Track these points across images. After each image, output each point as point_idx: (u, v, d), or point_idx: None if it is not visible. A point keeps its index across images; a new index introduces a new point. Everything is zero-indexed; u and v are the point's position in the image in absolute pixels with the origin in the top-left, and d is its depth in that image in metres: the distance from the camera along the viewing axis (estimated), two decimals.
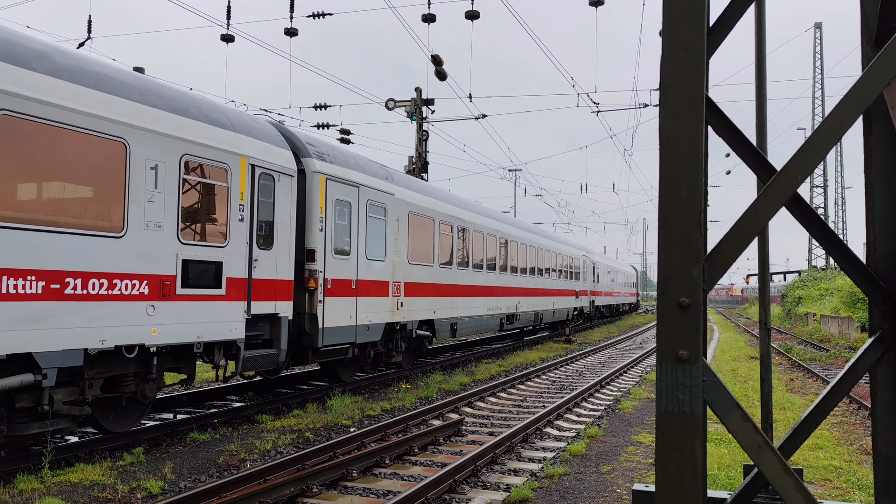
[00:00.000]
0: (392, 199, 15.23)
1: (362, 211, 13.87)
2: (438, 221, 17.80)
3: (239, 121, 10.92)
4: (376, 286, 14.36)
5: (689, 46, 1.95)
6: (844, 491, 7.67)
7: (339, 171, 13.15)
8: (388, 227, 14.94)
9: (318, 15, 19.65)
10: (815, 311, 39.78)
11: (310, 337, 12.19)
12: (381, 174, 15.01)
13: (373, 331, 14.15)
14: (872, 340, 2.50)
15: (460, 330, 19.02)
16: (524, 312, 25.65)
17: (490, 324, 21.81)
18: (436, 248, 17.61)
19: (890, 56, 2.03)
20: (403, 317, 15.56)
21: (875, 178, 2.58)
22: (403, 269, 15.60)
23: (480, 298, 20.85)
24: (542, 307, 28.33)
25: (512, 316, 23.95)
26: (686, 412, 1.88)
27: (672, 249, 1.92)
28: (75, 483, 7.61)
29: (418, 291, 16.38)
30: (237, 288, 10.39)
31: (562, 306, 32.40)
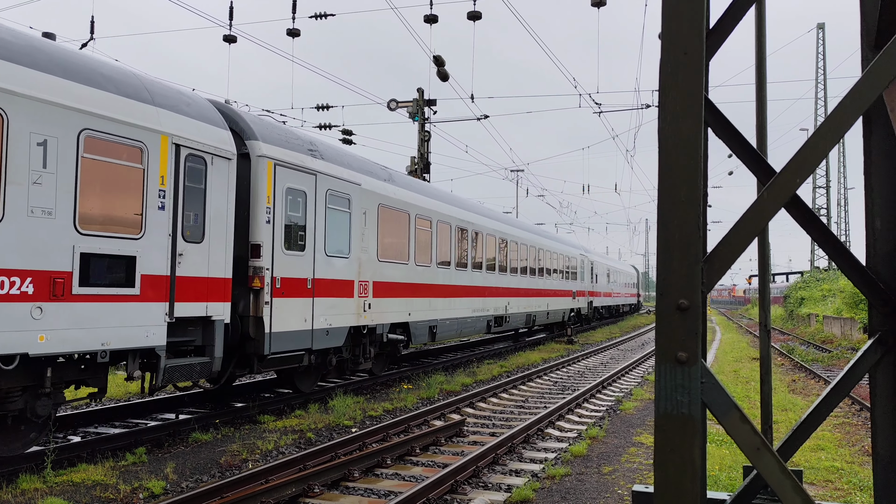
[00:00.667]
0: (358, 190, 13.62)
1: (321, 202, 12.32)
2: (415, 216, 16.28)
3: (162, 93, 9.45)
4: (338, 286, 12.82)
5: (689, 49, 1.95)
6: (846, 492, 7.67)
7: (292, 157, 11.67)
8: (352, 220, 13.37)
9: (321, 16, 19.67)
10: (818, 311, 39.74)
11: (255, 343, 10.78)
12: (344, 162, 13.49)
13: (334, 335, 12.64)
14: (872, 342, 2.51)
15: (441, 333, 17.61)
16: (514, 314, 24.14)
17: (475, 326, 20.37)
18: (412, 244, 16.08)
19: (889, 58, 2.03)
20: (372, 319, 14.00)
21: (875, 179, 2.59)
22: (372, 268, 14.12)
23: (464, 299, 19.37)
24: (534, 308, 26.88)
25: (501, 318, 22.57)
26: (685, 414, 1.89)
27: (671, 251, 1.92)
28: (77, 483, 7.62)
29: (390, 292, 14.90)
30: (156, 287, 8.93)
31: (557, 307, 30.98)
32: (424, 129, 25.60)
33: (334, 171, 12.90)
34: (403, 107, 25.52)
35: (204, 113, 10.12)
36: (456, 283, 18.81)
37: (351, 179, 13.44)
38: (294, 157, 11.76)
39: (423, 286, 16.74)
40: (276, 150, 11.33)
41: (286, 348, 11.34)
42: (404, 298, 15.57)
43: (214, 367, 9.87)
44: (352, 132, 24.99)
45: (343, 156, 13.75)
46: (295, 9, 17.76)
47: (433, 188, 18.85)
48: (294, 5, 17.68)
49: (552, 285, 30.18)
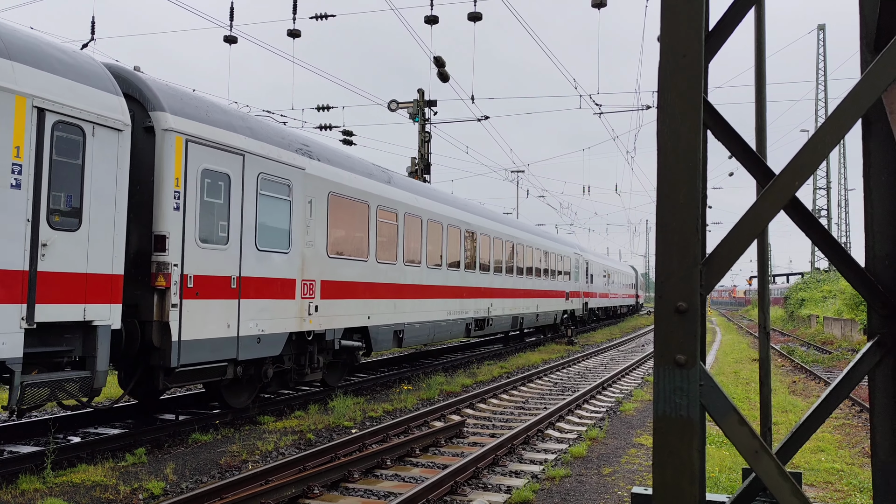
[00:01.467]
0: (301, 176, 11.87)
1: (250, 187, 10.64)
2: (377, 207, 14.54)
3: (22, 45, 7.81)
4: (274, 285, 11.14)
5: (688, 51, 1.95)
6: (846, 494, 7.66)
7: (211, 133, 9.99)
8: (294, 210, 11.64)
9: (321, 16, 19.68)
10: (818, 313, 39.74)
11: (160, 353, 9.14)
12: (284, 143, 11.77)
13: (268, 343, 10.98)
14: (871, 345, 2.50)
15: (409, 338, 15.93)
16: (498, 316, 22.42)
17: (452, 330, 18.59)
18: (372, 239, 14.33)
19: (888, 60, 2.03)
20: (319, 324, 12.30)
21: (874, 182, 2.59)
22: (320, 265, 12.36)
23: (439, 301, 17.63)
24: (522, 310, 25.10)
25: (483, 321, 20.95)
26: (683, 416, 1.89)
27: (670, 253, 1.92)
28: (77, 483, 7.62)
29: (343, 292, 13.16)
30: (6, 285, 7.31)
31: (548, 309, 29.19)
32: (425, 130, 25.61)
33: (269, 153, 11.16)
34: (404, 107, 25.53)
35: (85, 73, 8.43)
36: (428, 282, 17.09)
37: (292, 163, 11.66)
38: (214, 134, 10.07)
39: (387, 286, 14.97)
40: (189, 125, 9.65)
41: (202, 359, 9.67)
42: (362, 300, 13.83)
43: (97, 382, 8.21)
44: (352, 133, 25.00)
45: (283, 136, 11.92)
46: (295, 9, 17.78)
47: (404, 179, 17.08)
48: (295, 6, 17.71)
49: (542, 285, 28.44)
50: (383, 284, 14.85)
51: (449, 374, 18.22)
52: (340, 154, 14.09)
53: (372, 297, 14.30)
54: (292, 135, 12.43)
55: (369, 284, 14.24)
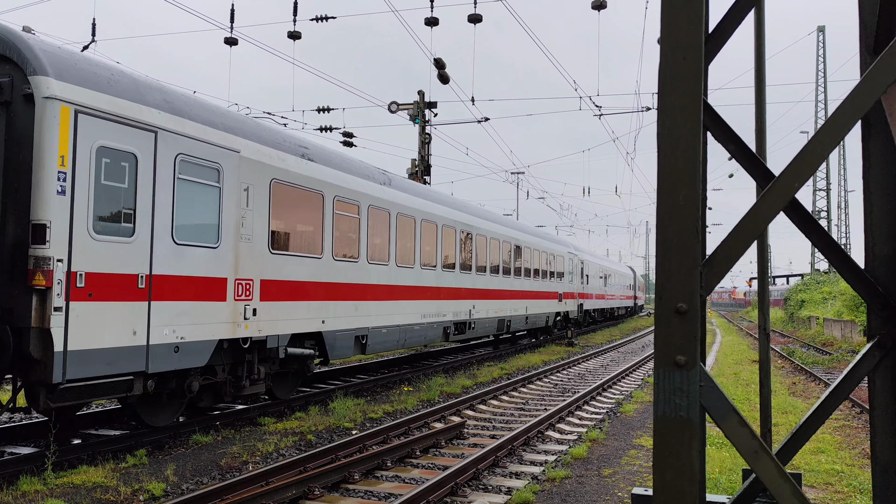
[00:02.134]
0: (234, 159, 10.23)
1: (165, 170, 9.04)
2: (333, 198, 12.83)
3: None
4: (198, 285, 9.52)
5: (688, 54, 1.96)
6: (846, 495, 7.67)
7: (111, 104, 8.43)
8: (224, 198, 10.02)
9: (321, 18, 19.70)
10: (818, 314, 39.74)
11: (40, 367, 7.60)
12: (213, 121, 10.14)
13: (189, 352, 9.35)
14: (870, 346, 2.51)
15: (374, 344, 14.32)
16: (482, 319, 20.74)
17: (428, 334, 16.98)
18: (328, 234, 12.65)
19: (887, 63, 2.04)
20: (259, 330, 10.69)
21: (873, 183, 2.59)
22: (259, 262, 10.74)
23: (411, 302, 16.04)
24: (509, 312, 23.41)
25: (464, 324, 19.30)
26: (683, 417, 1.90)
27: (670, 255, 1.93)
28: (78, 485, 7.63)
29: (290, 293, 11.53)
30: None
31: (539, 311, 27.37)
32: (425, 132, 25.62)
33: (192, 131, 9.55)
34: (404, 109, 25.55)
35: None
36: (398, 282, 15.49)
37: (222, 143, 10.04)
38: (115, 106, 8.48)
39: (347, 286, 13.29)
40: (80, 93, 8.07)
41: (96, 373, 8.11)
42: (315, 302, 12.18)
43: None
44: (353, 134, 25.02)
45: (212, 113, 10.34)
46: (296, 11, 17.80)
47: (371, 168, 15.42)
48: (295, 8, 17.72)
49: (533, 286, 26.61)
50: (342, 285, 13.13)
51: (449, 375, 18.22)
52: (290, 138, 12.36)
53: (327, 299, 12.60)
54: (225, 113, 10.77)
55: (324, 284, 12.52)
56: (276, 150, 11.50)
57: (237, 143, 10.44)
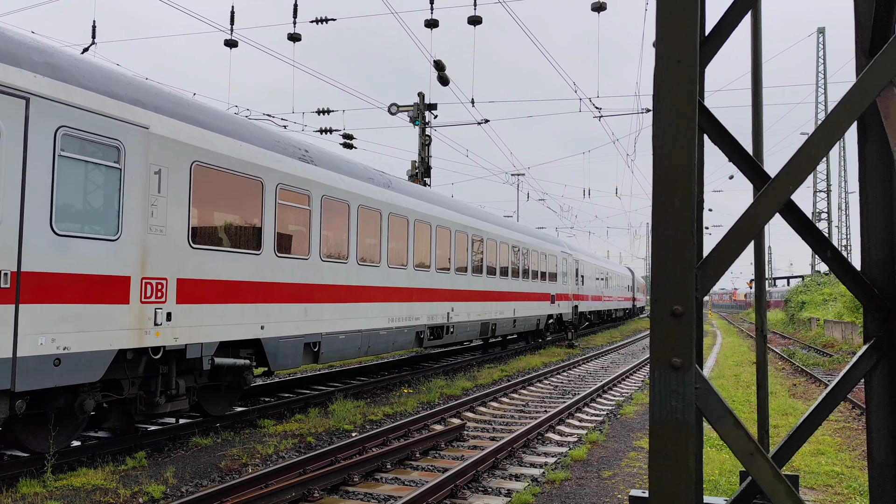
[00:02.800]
0: (141, 136, 8.72)
1: (41, 145, 7.58)
2: (276, 187, 11.29)
3: None
4: (89, 285, 8.07)
5: (683, 57, 1.97)
6: (845, 497, 7.67)
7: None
8: (127, 181, 8.52)
9: (321, 20, 19.73)
10: (819, 315, 39.74)
11: None
12: (110, 90, 8.61)
13: (77, 365, 7.87)
14: (867, 348, 2.52)
15: (329, 352, 12.69)
16: (462, 323, 19.15)
17: (398, 340, 15.38)
18: (269, 227, 11.08)
19: (881, 65, 2.05)
20: (175, 337, 9.18)
21: (870, 185, 2.60)
22: (176, 258, 9.25)
23: (377, 305, 14.44)
24: (494, 315, 21.85)
25: (440, 328, 17.73)
26: (679, 419, 1.90)
27: (665, 257, 1.94)
28: (77, 487, 7.63)
29: (219, 295, 9.98)
30: None
31: (529, 313, 25.72)
32: (425, 134, 25.65)
33: (81, 100, 8.12)
34: (404, 111, 25.58)
35: None
36: (360, 283, 13.90)
37: (125, 117, 8.54)
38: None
39: (293, 287, 11.69)
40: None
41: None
42: (251, 305, 10.64)
43: None
44: (353, 136, 25.04)
45: (113, 80, 8.79)
46: (296, 13, 17.82)
47: (327, 154, 13.79)
48: (295, 10, 17.75)
49: (522, 287, 24.93)
50: (287, 285, 11.53)
51: (449, 377, 18.22)
52: (223, 117, 10.82)
53: (268, 301, 11.01)
54: (132, 83, 9.13)
55: (264, 285, 10.94)
56: (202, 128, 9.95)
57: (145, 117, 8.90)
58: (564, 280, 31.90)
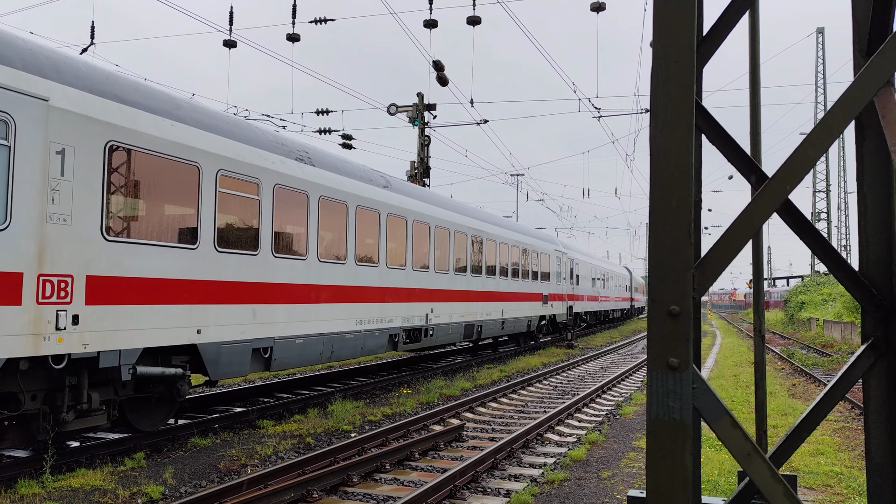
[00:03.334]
0: (37, 109, 7.49)
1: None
2: (217, 173, 9.98)
3: None
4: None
5: (680, 57, 1.97)
6: (845, 497, 7.66)
7: None
8: (17, 161, 7.28)
9: (320, 21, 19.73)
10: (818, 316, 39.75)
11: None
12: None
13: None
14: (865, 348, 2.51)
15: (284, 358, 11.33)
16: (442, 325, 17.81)
17: (366, 344, 13.99)
18: (207, 218, 9.75)
19: (879, 64, 2.05)
20: (84, 344, 7.95)
21: (867, 185, 2.60)
22: (85, 252, 8.01)
23: (342, 306, 13.10)
24: (480, 316, 20.54)
25: (418, 330, 16.50)
26: (676, 419, 1.90)
27: (662, 257, 1.94)
28: (76, 488, 7.62)
29: (142, 294, 8.73)
30: None
31: (518, 314, 24.40)
32: (424, 134, 25.65)
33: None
34: (403, 111, 25.58)
35: None
36: (322, 282, 12.49)
37: (17, 87, 7.32)
38: None
39: (238, 286, 10.32)
40: None
41: None
42: (184, 306, 9.36)
43: None
44: (352, 137, 25.04)
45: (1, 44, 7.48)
46: (295, 14, 17.81)
47: (280, 138, 12.29)
48: (294, 10, 17.74)
49: (511, 287, 23.63)
50: (229, 284, 10.16)
51: (449, 377, 18.22)
52: (152, 94, 9.52)
53: (205, 302, 9.67)
54: (29, 48, 7.87)
55: (200, 283, 9.60)
56: (122, 104, 8.67)
57: (45, 87, 7.61)
58: (558, 280, 30.64)
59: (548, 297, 28.46)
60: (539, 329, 27.76)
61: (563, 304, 31.33)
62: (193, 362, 9.72)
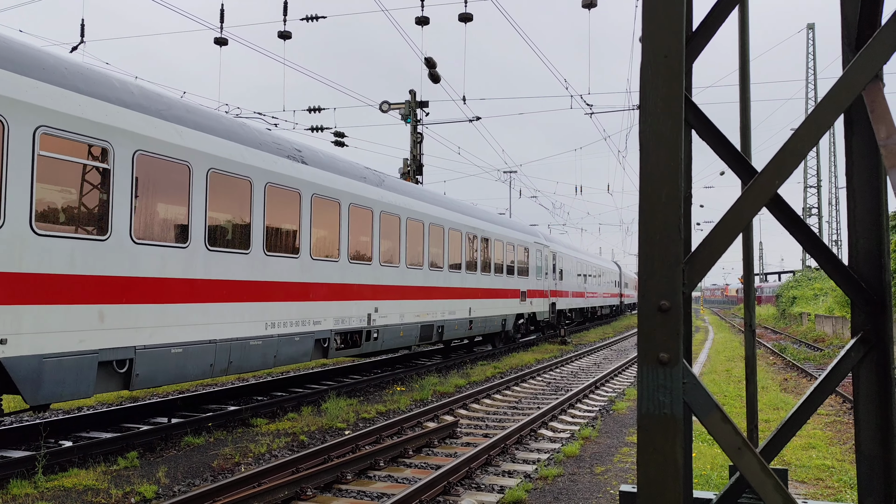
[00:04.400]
0: None
1: None
2: (36, 130, 7.61)
3: None
4: None
5: (669, 53, 1.97)
6: (836, 490, 7.71)
7: None
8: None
9: (312, 18, 19.67)
10: (810, 310, 39.94)
11: None
12: None
13: None
14: (854, 341, 2.52)
15: (151, 373, 8.96)
16: (391, 326, 15.31)
17: (282, 351, 11.52)
18: (17, 191, 7.38)
19: (867, 58, 2.05)
20: None
21: (857, 180, 2.61)
22: None
23: (243, 306, 10.60)
24: (441, 315, 17.98)
25: (358, 333, 14.06)
26: (667, 414, 1.90)
27: (652, 253, 1.94)
28: (69, 488, 7.60)
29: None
30: None
31: (490, 313, 21.83)
32: (417, 131, 25.61)
33: None
34: (395, 109, 25.54)
35: None
36: (211, 276, 10.04)
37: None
38: None
39: (74, 280, 7.92)
40: None
41: None
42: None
43: None
44: (344, 134, 24.99)
45: None
46: (286, 11, 17.76)
47: (124, 82, 9.37)
48: (285, 7, 17.69)
49: (480, 282, 21.06)
50: (59, 278, 7.76)
51: (442, 374, 18.23)
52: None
53: (16, 302, 7.30)
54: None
55: (7, 276, 7.23)
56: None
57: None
58: (539, 275, 28.12)
59: (526, 294, 26.13)
60: (517, 328, 25.55)
61: (545, 300, 29.06)
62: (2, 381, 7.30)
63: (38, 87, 7.74)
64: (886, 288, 2.51)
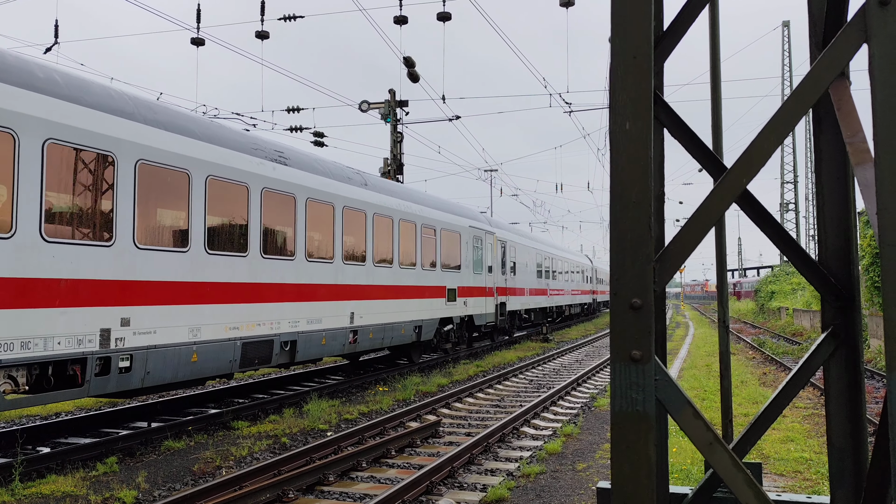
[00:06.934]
0: None
1: None
2: None
3: None
4: None
5: (638, 52, 1.98)
6: (814, 482, 7.81)
7: None
8: None
9: (289, 17, 19.58)
10: (788, 305, 40.41)
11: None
12: None
13: None
14: (825, 336, 2.56)
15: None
16: (210, 345, 10.14)
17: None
18: None
19: (833, 56, 2.08)
20: None
21: (825, 177, 2.64)
22: None
23: None
24: (305, 325, 12.62)
25: (107, 360, 8.51)
26: (640, 411, 1.92)
27: (623, 251, 1.96)
28: (47, 495, 7.51)
29: None
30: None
31: (392, 318, 16.25)
32: (397, 131, 25.58)
33: None
34: (375, 108, 25.49)
35: None
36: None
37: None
38: None
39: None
40: None
41: None
42: None
43: None
44: (323, 134, 24.90)
45: None
46: (263, 10, 17.66)
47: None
48: (262, 7, 17.59)
49: (374, 278, 15.48)
50: None
51: (425, 374, 18.22)
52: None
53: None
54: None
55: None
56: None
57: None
58: (479, 268, 22.75)
59: (456, 292, 20.68)
60: (444, 336, 20.25)
61: (489, 300, 23.71)
62: None
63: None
64: (855, 283, 2.55)
